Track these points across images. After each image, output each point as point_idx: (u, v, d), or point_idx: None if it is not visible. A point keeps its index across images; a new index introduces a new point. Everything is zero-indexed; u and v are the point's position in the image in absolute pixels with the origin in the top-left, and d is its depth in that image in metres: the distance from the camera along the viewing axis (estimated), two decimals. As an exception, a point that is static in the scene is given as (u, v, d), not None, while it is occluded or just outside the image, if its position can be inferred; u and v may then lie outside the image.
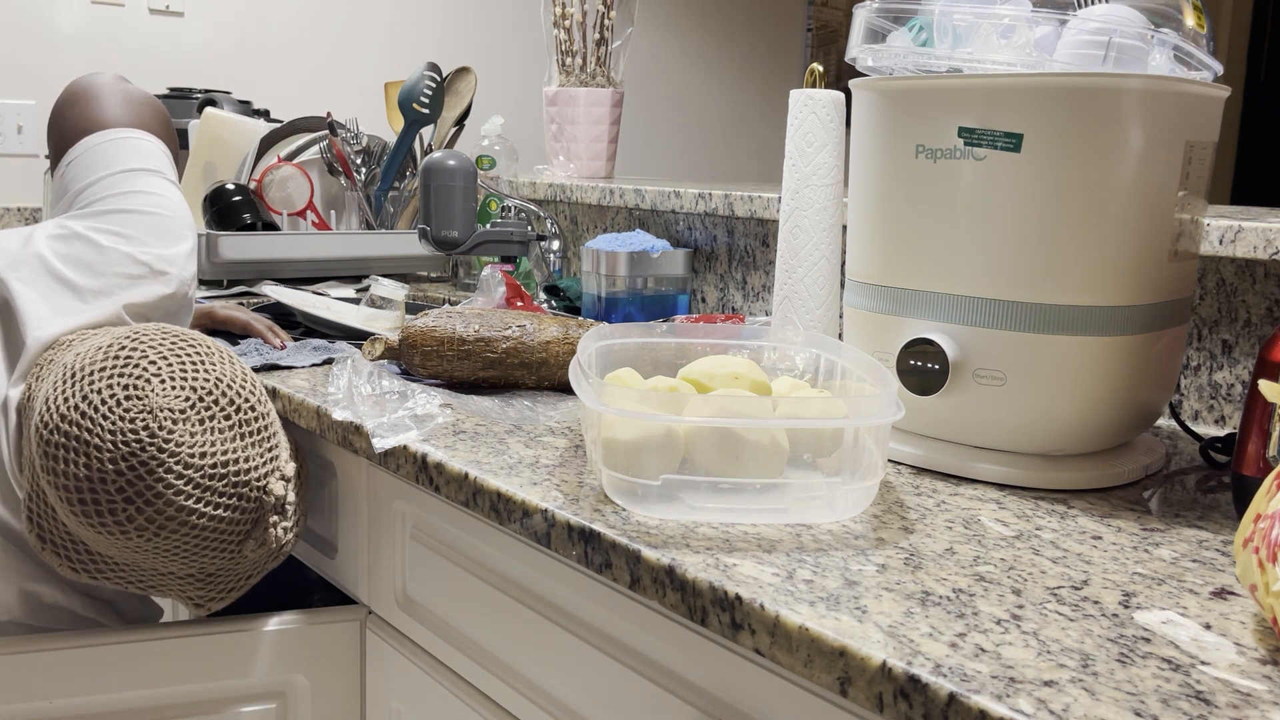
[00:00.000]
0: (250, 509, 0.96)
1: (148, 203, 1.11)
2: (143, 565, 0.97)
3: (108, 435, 0.88)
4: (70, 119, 1.18)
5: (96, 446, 0.88)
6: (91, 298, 1.05)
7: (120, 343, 0.93)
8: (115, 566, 0.98)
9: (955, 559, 0.68)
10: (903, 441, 0.88)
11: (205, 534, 0.93)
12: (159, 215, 1.11)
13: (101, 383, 0.90)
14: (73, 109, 1.18)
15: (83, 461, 0.89)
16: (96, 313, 1.04)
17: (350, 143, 1.83)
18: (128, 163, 1.14)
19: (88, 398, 0.89)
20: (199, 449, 0.91)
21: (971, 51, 0.84)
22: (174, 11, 2.42)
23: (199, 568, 0.99)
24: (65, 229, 1.08)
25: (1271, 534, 0.56)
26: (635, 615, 0.75)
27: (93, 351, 0.93)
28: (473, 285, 1.79)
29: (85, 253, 1.06)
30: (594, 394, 0.75)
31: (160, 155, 1.17)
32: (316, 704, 1.09)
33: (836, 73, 3.50)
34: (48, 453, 0.90)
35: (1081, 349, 0.80)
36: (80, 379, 0.91)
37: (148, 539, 0.91)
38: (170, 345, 0.94)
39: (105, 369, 0.91)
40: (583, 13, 1.91)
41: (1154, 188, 0.80)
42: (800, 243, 1.10)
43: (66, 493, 0.89)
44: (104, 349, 0.93)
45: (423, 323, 1.08)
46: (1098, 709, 0.50)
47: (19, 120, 2.27)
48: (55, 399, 0.91)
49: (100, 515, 0.90)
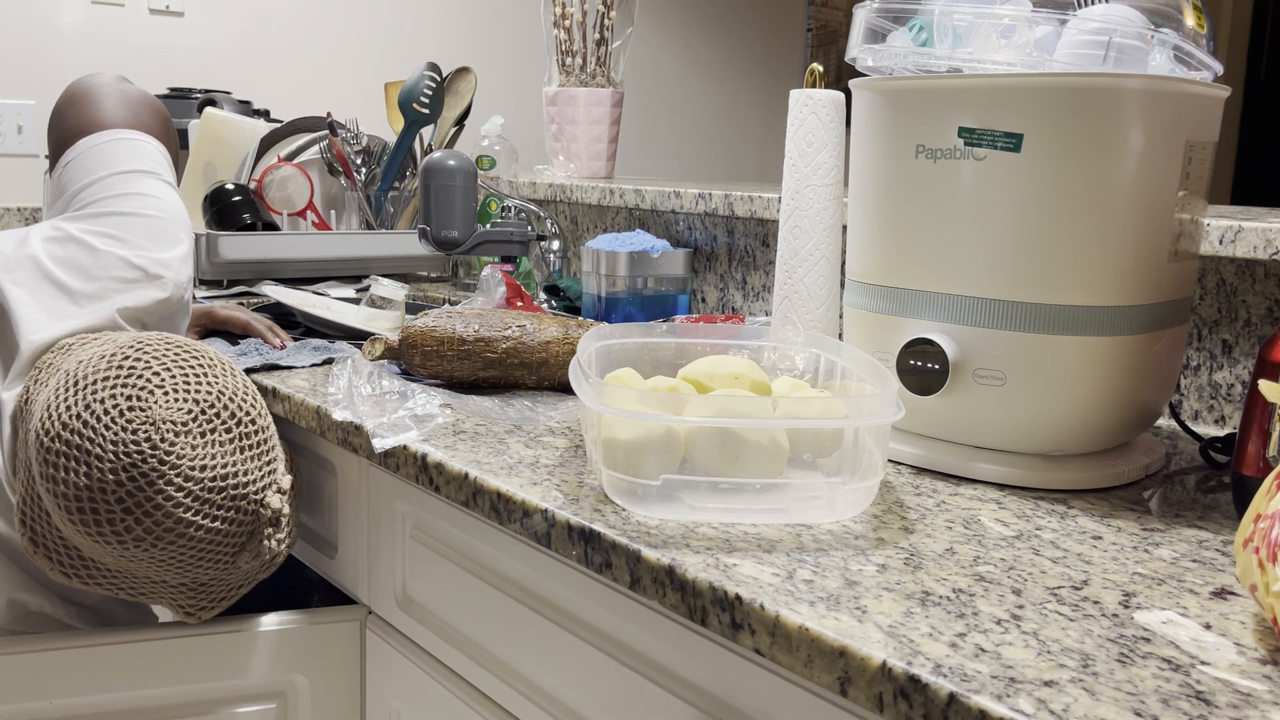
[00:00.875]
0: (247, 522, 0.96)
1: (143, 205, 1.11)
2: (136, 573, 0.97)
3: (109, 445, 0.88)
4: (69, 119, 1.17)
5: (98, 456, 0.88)
6: (85, 301, 1.05)
7: (124, 352, 0.93)
8: (108, 573, 0.98)
9: (955, 559, 0.68)
10: (903, 441, 0.88)
11: (202, 545, 0.93)
12: (154, 218, 1.11)
13: (104, 392, 0.90)
14: (71, 109, 1.18)
15: (83, 471, 0.88)
16: (90, 317, 1.04)
17: (350, 143, 1.83)
18: (125, 164, 1.13)
19: (90, 407, 0.89)
20: (200, 462, 0.91)
21: (971, 51, 0.84)
22: (174, 11, 2.42)
23: (192, 578, 0.98)
24: (60, 231, 1.08)
25: (1271, 534, 0.56)
26: (635, 615, 0.75)
27: (95, 360, 0.92)
28: (473, 285, 1.79)
29: (79, 256, 1.06)
30: (594, 394, 0.75)
31: (158, 157, 1.17)
32: (316, 704, 1.09)
33: (836, 73, 3.50)
34: (48, 460, 0.89)
35: (1081, 349, 0.80)
36: (83, 388, 0.90)
37: (145, 549, 0.91)
38: (174, 357, 0.94)
39: (109, 378, 0.91)
40: (583, 13, 1.91)
41: (1154, 188, 0.80)
42: (800, 243, 1.10)
43: (65, 501, 0.89)
44: (107, 358, 0.92)
45: (423, 323, 1.08)
46: (1098, 709, 0.50)
47: (19, 120, 2.27)
48: (57, 407, 0.90)
49: (99, 525, 0.89)
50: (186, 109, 2.06)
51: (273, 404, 1.12)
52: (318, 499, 1.16)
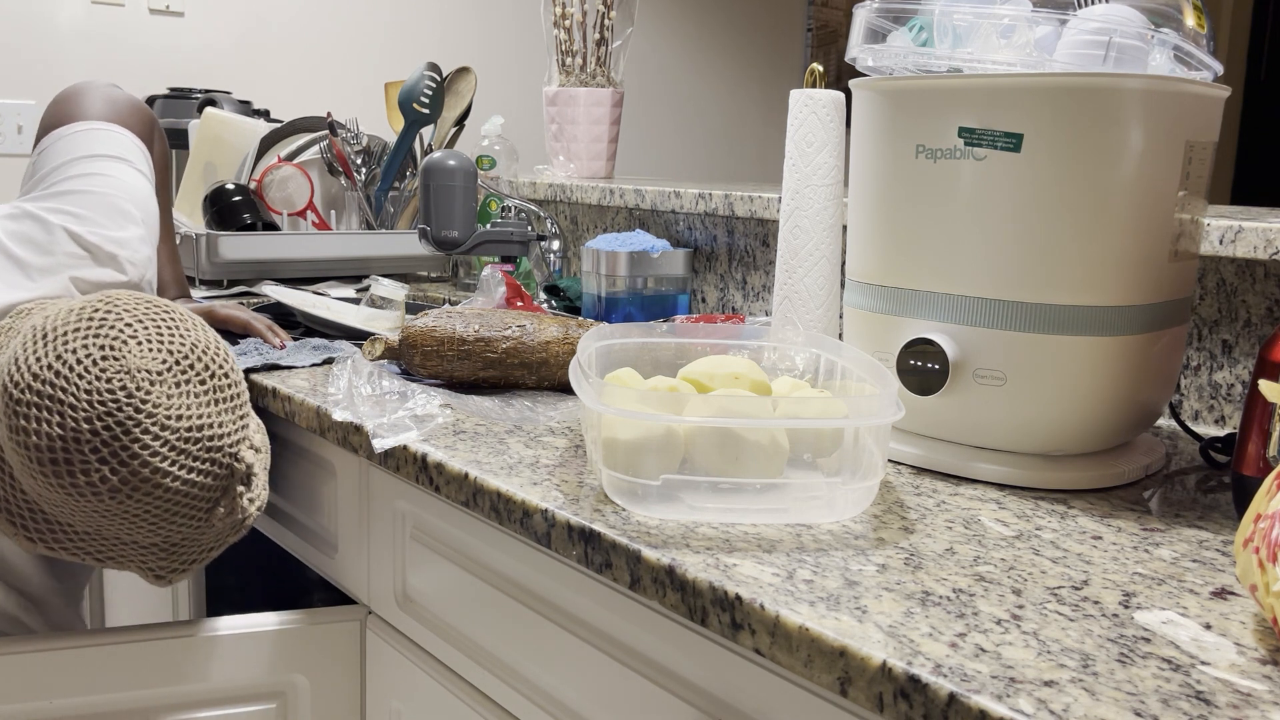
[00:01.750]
0: (222, 475, 0.95)
1: (102, 184, 1.12)
2: (105, 534, 0.96)
3: (83, 394, 0.88)
4: (51, 115, 1.21)
5: (71, 405, 0.87)
6: (39, 275, 1.06)
7: (94, 305, 0.93)
8: (75, 536, 0.97)
9: (955, 559, 0.68)
10: (903, 441, 0.88)
11: (177, 498, 0.93)
12: (110, 196, 1.12)
13: (76, 343, 0.89)
14: (55, 107, 1.21)
15: (56, 421, 0.87)
16: (43, 289, 1.05)
17: (350, 143, 1.83)
18: (93, 150, 1.15)
19: (62, 357, 0.89)
20: (175, 411, 0.90)
21: (971, 51, 0.84)
22: (174, 11, 2.42)
23: (164, 536, 0.98)
24: (18, 209, 1.10)
25: (1271, 534, 0.56)
26: (635, 615, 0.75)
27: (64, 314, 0.92)
28: (473, 285, 1.79)
29: (34, 231, 1.08)
30: (594, 394, 0.75)
31: (131, 146, 1.19)
32: (316, 704, 1.09)
33: (836, 73, 3.50)
34: (17, 412, 0.88)
35: (1081, 349, 0.80)
36: (53, 339, 0.90)
37: (119, 501, 0.90)
38: (145, 309, 0.94)
39: (80, 330, 0.90)
40: (583, 13, 1.91)
41: (1154, 188, 0.80)
42: (800, 243, 1.10)
43: (37, 453, 0.88)
44: (76, 311, 0.92)
45: (423, 323, 1.08)
46: (1098, 709, 0.50)
47: (19, 120, 2.27)
48: (26, 359, 0.89)
49: (73, 475, 0.88)
50: (186, 109, 2.06)
51: (273, 404, 1.12)
52: (318, 499, 1.16)
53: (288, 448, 1.20)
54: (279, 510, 1.25)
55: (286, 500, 1.23)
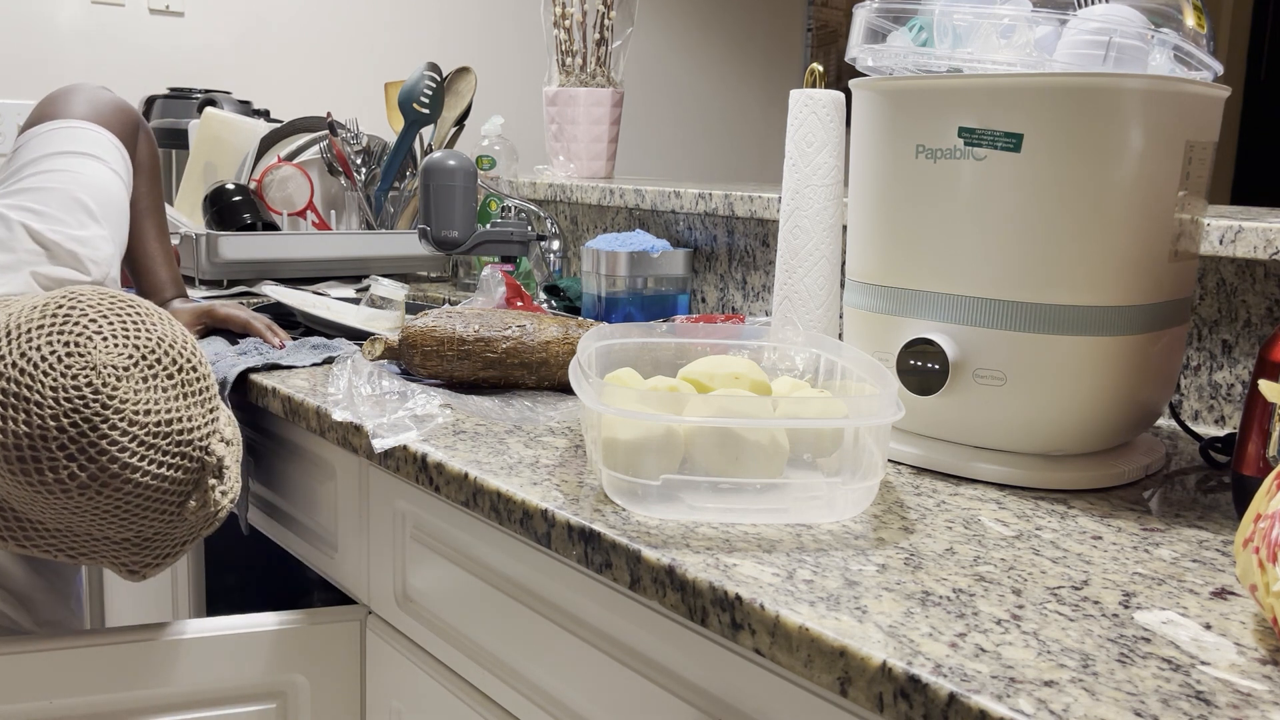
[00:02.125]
0: (193, 469, 0.95)
1: (66, 180, 1.12)
2: (76, 530, 0.96)
3: (49, 391, 0.87)
4: (33, 115, 1.20)
5: (37, 403, 0.87)
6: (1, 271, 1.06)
7: (58, 302, 0.92)
8: (46, 533, 0.97)
9: (955, 559, 0.68)
10: (903, 441, 0.88)
11: (147, 493, 0.92)
12: (74, 192, 1.12)
13: (41, 339, 0.89)
14: (39, 108, 1.21)
15: (22, 419, 0.87)
16: (6, 287, 1.05)
17: (350, 143, 1.83)
18: (64, 147, 1.15)
19: (26, 354, 0.88)
20: (143, 406, 0.90)
21: (971, 51, 0.84)
22: (174, 11, 2.42)
23: (136, 531, 0.97)
24: None
25: (1271, 534, 0.56)
26: (635, 615, 0.75)
27: (28, 311, 0.92)
28: (473, 285, 1.79)
29: None
30: (594, 394, 0.75)
31: (106, 144, 1.18)
32: (316, 704, 1.09)
33: (836, 73, 3.50)
34: None
35: (1081, 349, 0.80)
36: (17, 337, 0.89)
37: (89, 498, 0.90)
38: (109, 305, 0.93)
39: (44, 327, 0.90)
40: (583, 13, 1.91)
41: (1154, 188, 0.80)
42: (800, 243, 1.10)
43: (4, 451, 0.88)
44: (39, 308, 0.92)
45: (423, 323, 1.08)
46: (1098, 709, 0.50)
47: (19, 120, 2.26)
48: None
49: (40, 474, 0.88)
50: (186, 109, 2.06)
51: (272, 404, 1.12)
52: (317, 499, 1.16)
53: (287, 448, 1.20)
54: (279, 510, 1.25)
55: (286, 500, 1.23)
